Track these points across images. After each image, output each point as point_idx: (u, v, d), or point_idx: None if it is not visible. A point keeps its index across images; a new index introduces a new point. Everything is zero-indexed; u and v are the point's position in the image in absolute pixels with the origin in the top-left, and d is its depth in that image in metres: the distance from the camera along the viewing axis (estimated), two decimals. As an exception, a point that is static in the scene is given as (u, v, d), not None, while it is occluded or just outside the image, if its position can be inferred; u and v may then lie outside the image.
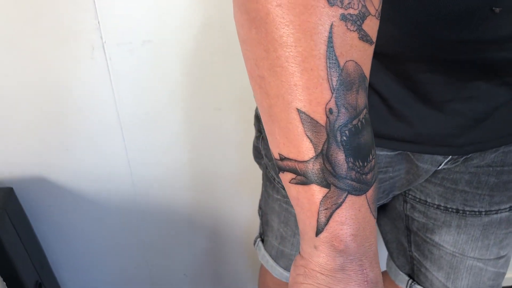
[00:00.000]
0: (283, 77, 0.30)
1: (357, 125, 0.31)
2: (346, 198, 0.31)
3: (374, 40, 0.32)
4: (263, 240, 0.80)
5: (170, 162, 0.99)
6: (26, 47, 0.78)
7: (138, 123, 0.91)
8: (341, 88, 0.30)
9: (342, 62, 0.30)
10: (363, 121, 0.31)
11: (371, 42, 0.31)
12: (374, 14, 0.31)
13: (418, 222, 0.67)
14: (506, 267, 0.68)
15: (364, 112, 0.31)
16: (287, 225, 0.71)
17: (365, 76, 0.31)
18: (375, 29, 0.31)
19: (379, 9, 0.31)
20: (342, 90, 0.30)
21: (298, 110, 0.30)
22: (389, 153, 0.57)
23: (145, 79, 0.85)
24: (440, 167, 0.59)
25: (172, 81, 0.87)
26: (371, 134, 0.32)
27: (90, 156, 0.94)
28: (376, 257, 0.34)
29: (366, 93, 0.32)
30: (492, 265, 0.65)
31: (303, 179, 0.31)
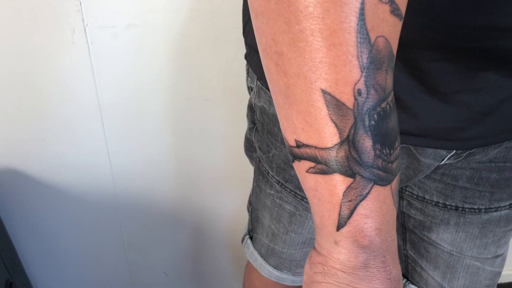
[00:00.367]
0: (307, 53, 0.27)
1: (385, 108, 0.29)
2: (372, 188, 0.30)
3: (403, 15, 0.30)
4: (252, 237, 0.79)
5: (152, 154, 0.98)
6: (0, 29, 0.76)
7: (120, 113, 0.89)
8: (371, 66, 0.28)
9: (373, 37, 0.27)
10: (391, 104, 0.30)
11: (401, 17, 0.29)
12: None
13: (415, 220, 0.66)
14: (502, 266, 0.68)
15: (392, 94, 0.30)
16: (279, 221, 0.69)
17: (393, 54, 0.29)
18: (405, 2, 0.29)
19: None
20: (372, 69, 0.28)
21: (322, 91, 0.28)
22: None
23: (128, 66, 0.84)
24: (442, 162, 0.58)
25: (157, 68, 0.85)
26: (397, 119, 0.31)
27: (68, 147, 0.92)
28: (397, 253, 0.33)
29: (393, 73, 0.30)
30: (489, 264, 0.65)
31: (324, 168, 0.29)
